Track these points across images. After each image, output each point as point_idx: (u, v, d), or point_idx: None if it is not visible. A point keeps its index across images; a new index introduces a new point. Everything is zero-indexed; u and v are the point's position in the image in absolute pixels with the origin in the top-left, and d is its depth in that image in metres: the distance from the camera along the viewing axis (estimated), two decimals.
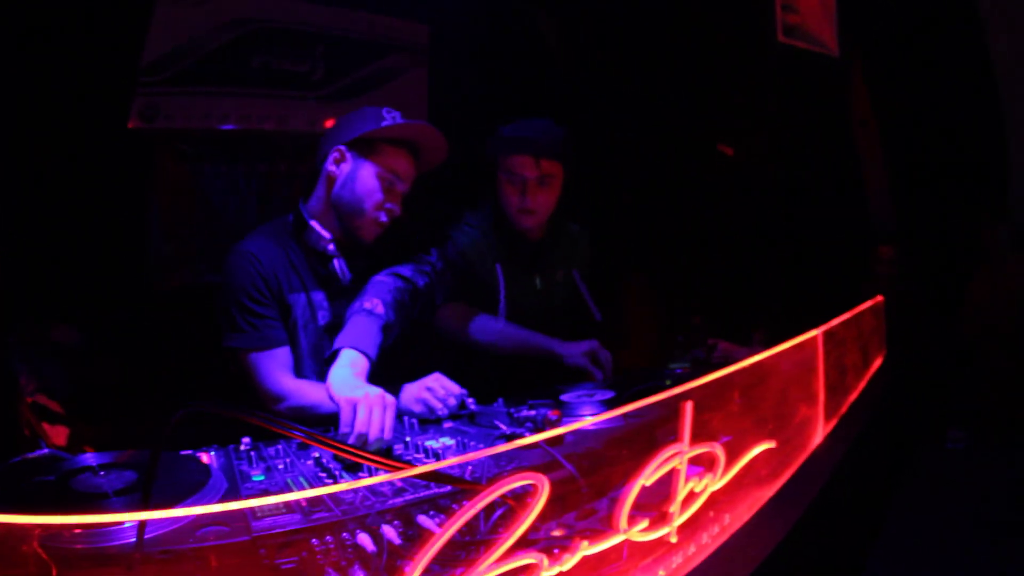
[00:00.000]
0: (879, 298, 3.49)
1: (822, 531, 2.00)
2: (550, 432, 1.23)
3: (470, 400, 2.01)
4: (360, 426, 1.62)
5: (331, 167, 2.22)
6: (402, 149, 2.24)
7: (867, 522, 2.87)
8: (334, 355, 1.89)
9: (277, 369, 2.15)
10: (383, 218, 2.24)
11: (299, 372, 2.23)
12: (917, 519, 3.06)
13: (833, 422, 2.42)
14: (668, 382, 2.05)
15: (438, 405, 1.97)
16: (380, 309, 2.02)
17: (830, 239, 4.11)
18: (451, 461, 1.01)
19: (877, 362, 3.40)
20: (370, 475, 1.40)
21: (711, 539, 1.51)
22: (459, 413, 2.00)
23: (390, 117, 2.20)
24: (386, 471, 0.93)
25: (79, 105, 2.86)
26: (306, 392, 2.11)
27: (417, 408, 1.99)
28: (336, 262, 2.25)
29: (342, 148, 2.21)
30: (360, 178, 2.20)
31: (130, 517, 0.94)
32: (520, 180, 2.50)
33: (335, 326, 2.19)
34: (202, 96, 3.34)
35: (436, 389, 2.01)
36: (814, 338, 2.20)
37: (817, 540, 1.95)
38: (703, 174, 3.85)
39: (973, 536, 2.89)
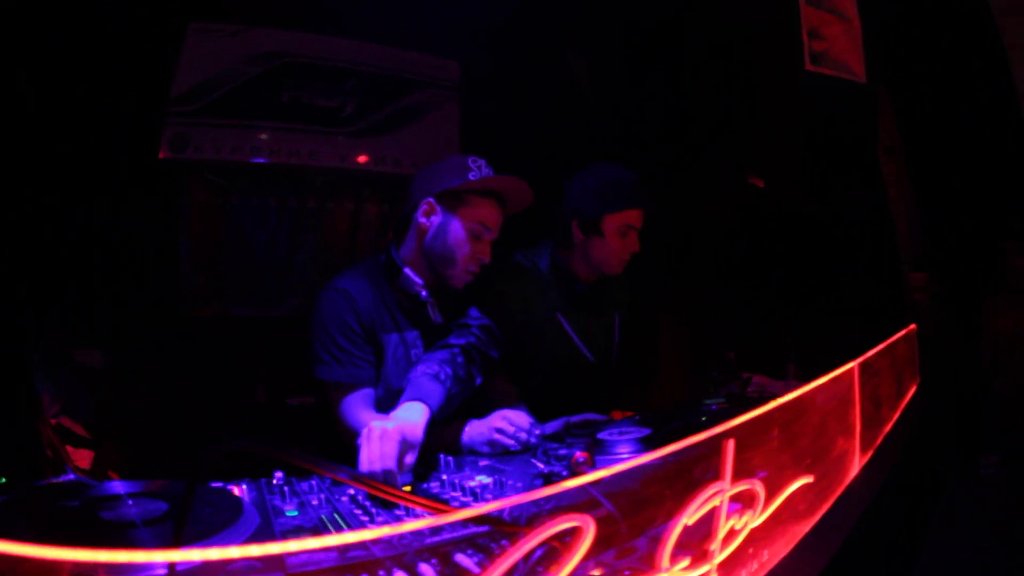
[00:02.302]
0: (912, 326, 3.44)
1: (860, 563, 1.97)
2: (587, 477, 1.21)
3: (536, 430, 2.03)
4: (360, 464, 1.65)
5: (422, 219, 2.26)
6: (490, 199, 2.27)
7: (903, 551, 2.82)
8: None
9: (359, 404, 2.17)
10: (473, 268, 2.28)
11: (388, 407, 2.20)
12: (952, 545, 3.01)
13: (869, 453, 2.38)
14: (704, 418, 2.03)
15: (511, 443, 1.99)
16: (426, 368, 2.02)
17: (861, 268, 4.07)
18: (490, 506, 0.99)
19: (911, 390, 3.34)
20: (406, 516, 1.40)
21: None
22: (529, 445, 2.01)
23: (476, 167, 2.23)
24: (428, 513, 0.91)
25: (109, 132, 2.90)
26: None
27: (486, 450, 2.01)
28: (429, 308, 2.29)
29: (431, 200, 2.25)
30: (451, 231, 2.23)
31: (160, 558, 0.92)
32: (633, 232, 2.53)
33: None
34: (232, 128, 3.37)
35: (506, 428, 2.02)
36: (850, 370, 2.17)
37: (855, 572, 1.92)
38: (733, 206, 3.84)
39: (1008, 561, 2.84)
